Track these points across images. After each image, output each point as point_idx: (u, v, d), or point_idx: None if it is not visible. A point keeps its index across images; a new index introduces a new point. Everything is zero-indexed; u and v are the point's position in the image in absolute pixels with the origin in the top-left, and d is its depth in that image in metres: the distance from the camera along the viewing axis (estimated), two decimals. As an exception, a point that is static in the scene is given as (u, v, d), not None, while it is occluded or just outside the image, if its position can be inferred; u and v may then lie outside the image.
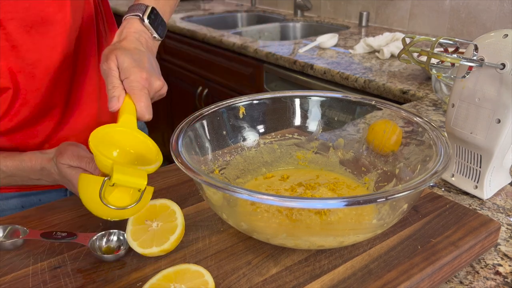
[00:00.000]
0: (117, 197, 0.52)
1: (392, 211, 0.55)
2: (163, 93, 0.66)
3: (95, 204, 0.52)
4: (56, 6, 0.70)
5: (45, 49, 0.71)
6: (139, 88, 0.60)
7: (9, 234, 0.57)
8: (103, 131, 0.55)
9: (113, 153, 0.55)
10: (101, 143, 0.53)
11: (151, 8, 0.71)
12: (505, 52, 0.62)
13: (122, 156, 0.56)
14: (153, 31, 0.71)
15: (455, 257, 0.54)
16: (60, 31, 0.72)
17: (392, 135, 0.66)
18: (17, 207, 0.80)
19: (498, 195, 0.73)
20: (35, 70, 0.71)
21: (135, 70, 0.60)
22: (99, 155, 0.51)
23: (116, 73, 0.61)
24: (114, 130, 0.56)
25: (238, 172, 0.69)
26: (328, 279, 0.51)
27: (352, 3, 2.20)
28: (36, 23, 0.69)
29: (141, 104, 0.59)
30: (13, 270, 0.53)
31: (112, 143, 0.55)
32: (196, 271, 0.49)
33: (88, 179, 0.53)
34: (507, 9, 1.61)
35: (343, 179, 0.69)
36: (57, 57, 0.73)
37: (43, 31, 0.70)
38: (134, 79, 0.60)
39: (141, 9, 0.70)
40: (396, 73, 1.42)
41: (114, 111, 0.58)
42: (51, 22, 0.71)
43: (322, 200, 0.50)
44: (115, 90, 0.59)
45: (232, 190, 0.47)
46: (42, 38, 0.70)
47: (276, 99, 0.73)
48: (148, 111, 0.60)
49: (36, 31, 0.69)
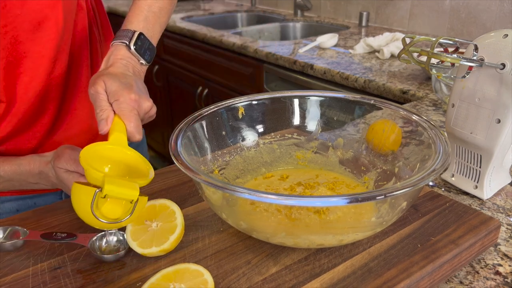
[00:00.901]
0: (110, 209, 0.52)
1: (391, 209, 0.55)
2: (153, 114, 0.67)
3: (87, 215, 0.51)
4: (49, 11, 0.70)
5: (37, 56, 0.71)
6: (129, 109, 0.60)
7: (9, 235, 0.57)
8: (94, 148, 0.55)
9: (104, 168, 0.55)
10: (92, 159, 0.53)
11: (138, 34, 0.71)
12: (505, 52, 0.62)
13: (113, 171, 0.56)
14: (139, 57, 0.71)
15: (455, 255, 0.54)
16: (52, 36, 0.71)
17: (391, 134, 0.66)
18: (12, 211, 0.80)
19: (498, 195, 0.73)
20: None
21: (124, 92, 0.61)
22: (89, 169, 0.51)
23: (104, 97, 0.61)
24: (105, 147, 0.56)
25: (237, 172, 0.69)
26: (328, 277, 0.51)
27: (352, 3, 2.20)
28: (29, 31, 0.69)
29: (131, 124, 0.60)
30: (13, 271, 0.53)
31: (103, 160, 0.55)
32: (195, 270, 0.49)
33: (80, 189, 0.52)
34: (507, 9, 1.61)
35: (342, 179, 0.69)
36: (48, 65, 0.72)
37: (35, 37, 0.70)
38: (124, 101, 0.60)
39: (127, 36, 0.71)
40: (396, 73, 1.42)
41: (104, 133, 0.59)
42: (43, 29, 0.70)
43: (321, 198, 0.50)
44: (103, 113, 0.59)
45: (231, 189, 0.47)
46: (33, 45, 0.70)
47: (276, 99, 0.73)
48: (138, 131, 0.60)
49: (27, 38, 0.69)
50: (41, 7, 0.69)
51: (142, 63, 0.72)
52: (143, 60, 0.72)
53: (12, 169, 0.69)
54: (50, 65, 0.72)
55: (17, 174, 0.69)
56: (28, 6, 0.68)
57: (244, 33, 2.22)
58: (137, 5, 0.76)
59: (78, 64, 0.79)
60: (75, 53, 0.78)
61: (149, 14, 0.75)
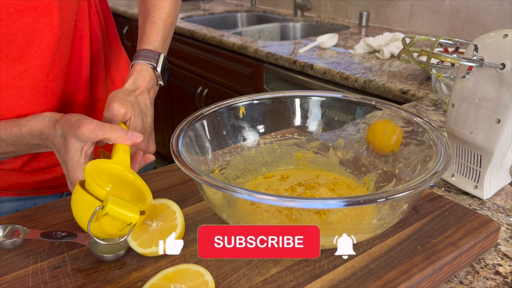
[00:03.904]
0: (109, 222, 0.51)
1: (392, 211, 0.55)
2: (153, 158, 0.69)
3: (83, 222, 0.51)
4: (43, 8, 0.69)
5: (32, 56, 0.70)
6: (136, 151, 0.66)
7: (9, 233, 0.57)
8: (98, 164, 0.55)
9: (105, 185, 0.55)
10: (95, 175, 0.53)
11: (163, 57, 0.76)
12: (505, 52, 0.62)
13: (114, 191, 0.55)
14: (161, 79, 0.76)
15: (455, 257, 0.54)
16: (47, 35, 0.70)
17: (392, 135, 0.66)
18: (12, 211, 0.80)
19: (498, 195, 0.73)
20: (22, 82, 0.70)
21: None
22: (92, 184, 0.51)
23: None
24: (108, 165, 0.55)
25: (238, 172, 0.69)
26: (328, 279, 0.51)
27: (352, 3, 2.20)
28: (24, 35, 0.68)
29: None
30: (13, 269, 0.53)
31: (105, 177, 0.55)
32: (196, 271, 0.49)
33: (83, 197, 0.51)
34: (507, 9, 1.61)
35: (343, 179, 0.69)
36: (45, 65, 0.72)
37: (30, 39, 0.69)
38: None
39: (154, 58, 0.75)
40: (396, 73, 1.42)
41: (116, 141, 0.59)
42: (37, 29, 0.69)
43: (322, 200, 0.50)
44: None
45: (232, 190, 0.47)
46: (28, 46, 0.69)
47: (276, 99, 0.73)
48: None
49: (23, 40, 0.68)
50: (35, 4, 0.67)
51: (160, 84, 0.77)
52: (162, 82, 0.76)
53: (14, 132, 0.65)
54: (47, 65, 0.71)
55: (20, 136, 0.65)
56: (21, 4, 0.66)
57: (244, 33, 2.22)
58: (152, 21, 0.79)
59: (78, 66, 0.78)
60: (75, 55, 0.78)
61: (165, 31, 0.79)
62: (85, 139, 0.57)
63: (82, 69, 0.78)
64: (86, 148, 0.58)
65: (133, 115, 0.65)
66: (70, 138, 0.58)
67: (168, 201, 0.58)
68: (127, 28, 2.70)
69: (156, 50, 0.76)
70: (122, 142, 0.58)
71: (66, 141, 0.59)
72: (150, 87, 0.73)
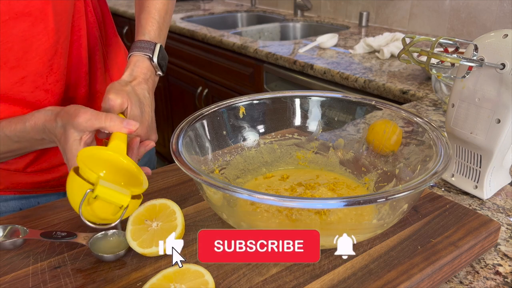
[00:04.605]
0: (101, 206, 0.52)
1: (392, 211, 0.55)
2: (153, 144, 0.71)
3: (76, 206, 0.52)
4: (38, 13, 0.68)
5: (27, 58, 0.70)
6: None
7: (9, 233, 0.57)
8: (92, 151, 0.55)
9: (99, 171, 0.55)
10: (89, 161, 0.53)
11: (159, 47, 0.75)
12: (505, 52, 0.62)
13: (108, 176, 0.55)
14: (159, 69, 0.76)
15: (455, 257, 0.54)
16: (44, 39, 0.70)
17: (392, 135, 0.66)
18: (15, 210, 0.80)
19: (498, 195, 0.73)
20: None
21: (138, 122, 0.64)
22: (84, 168, 0.51)
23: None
24: (102, 152, 0.56)
25: (238, 172, 0.69)
26: (328, 279, 0.51)
27: (352, 3, 2.20)
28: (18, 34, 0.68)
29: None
30: (13, 269, 0.53)
31: (100, 164, 0.55)
32: (196, 271, 0.49)
33: (75, 180, 0.52)
34: (507, 9, 1.61)
35: (343, 179, 0.69)
36: (43, 68, 0.71)
37: (27, 45, 0.68)
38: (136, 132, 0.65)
39: (150, 49, 0.75)
40: (396, 73, 1.42)
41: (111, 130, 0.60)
42: (33, 31, 0.69)
43: (322, 200, 0.50)
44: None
45: (232, 190, 0.47)
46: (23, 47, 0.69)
47: (276, 99, 0.73)
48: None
49: (20, 46, 0.68)
50: (30, 9, 0.67)
51: (159, 74, 0.77)
52: (160, 72, 0.76)
53: (19, 128, 0.65)
54: (46, 70, 0.71)
55: (24, 132, 0.66)
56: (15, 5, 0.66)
57: (244, 33, 2.22)
58: (147, 11, 0.78)
59: (77, 66, 0.78)
60: (74, 55, 0.77)
61: (160, 20, 0.79)
62: (82, 128, 0.58)
63: (81, 68, 0.78)
64: (85, 137, 0.59)
65: (130, 104, 0.65)
66: (69, 129, 0.59)
67: (168, 201, 0.58)
68: (127, 28, 2.70)
69: (152, 40, 0.76)
70: (118, 130, 0.59)
71: (66, 132, 0.59)
72: (147, 78, 0.73)
